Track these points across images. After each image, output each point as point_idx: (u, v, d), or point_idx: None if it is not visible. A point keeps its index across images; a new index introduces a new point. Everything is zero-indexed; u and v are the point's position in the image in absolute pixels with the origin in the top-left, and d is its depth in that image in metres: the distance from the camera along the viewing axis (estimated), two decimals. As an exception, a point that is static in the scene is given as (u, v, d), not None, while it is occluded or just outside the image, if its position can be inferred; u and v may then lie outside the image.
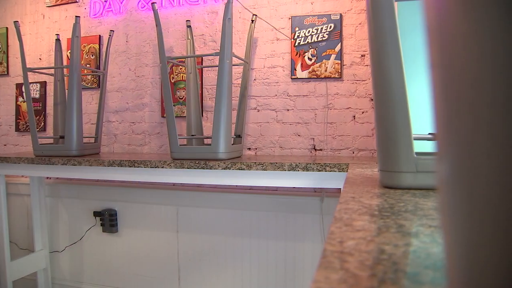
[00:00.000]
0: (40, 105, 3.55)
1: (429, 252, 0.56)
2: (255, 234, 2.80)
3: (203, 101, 2.94)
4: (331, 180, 2.11)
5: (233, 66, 2.43)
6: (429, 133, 1.25)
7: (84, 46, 3.31)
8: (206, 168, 2.25)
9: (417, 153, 1.12)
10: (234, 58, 2.40)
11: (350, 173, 1.74)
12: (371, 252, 0.55)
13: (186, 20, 2.92)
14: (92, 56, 3.32)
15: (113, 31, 3.18)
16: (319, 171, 2.09)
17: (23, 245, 3.64)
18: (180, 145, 2.41)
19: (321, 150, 2.67)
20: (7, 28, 3.77)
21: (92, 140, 3.06)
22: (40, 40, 3.59)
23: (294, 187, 2.68)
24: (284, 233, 2.74)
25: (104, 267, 3.33)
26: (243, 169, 2.19)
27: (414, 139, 1.12)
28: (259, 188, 2.77)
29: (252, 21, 2.76)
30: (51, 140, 3.11)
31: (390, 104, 1.14)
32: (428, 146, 1.25)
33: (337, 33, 2.62)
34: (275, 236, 2.76)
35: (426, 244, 0.60)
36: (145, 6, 3.14)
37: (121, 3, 3.23)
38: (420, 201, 0.95)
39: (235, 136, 2.57)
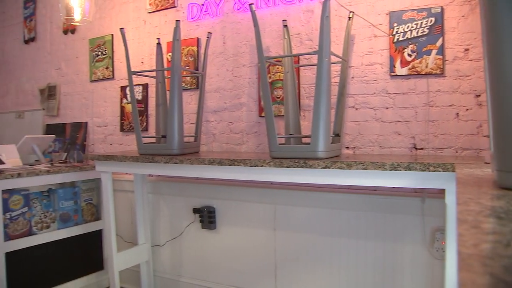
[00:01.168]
0: (143, 106, 3.74)
1: None
2: (353, 234, 2.76)
3: (300, 100, 2.94)
4: (435, 180, 2.03)
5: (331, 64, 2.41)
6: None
7: (183, 48, 3.43)
8: (306, 167, 2.25)
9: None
10: (331, 56, 2.38)
11: (459, 173, 1.67)
12: (514, 258, 0.52)
13: (283, 20, 2.94)
14: (191, 58, 3.44)
15: (211, 33, 3.27)
16: (422, 170, 2.02)
17: (128, 238, 3.85)
18: (279, 144, 2.43)
19: (422, 149, 2.58)
20: (112, 35, 4.01)
21: (192, 139, 3.17)
22: (142, 44, 3.78)
23: (393, 187, 2.61)
24: (382, 234, 2.68)
25: (202, 262, 3.44)
26: (343, 168, 2.16)
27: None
28: (357, 187, 2.73)
29: (349, 18, 2.72)
30: (154, 140, 3.26)
31: (510, 100, 1.07)
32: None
33: (438, 27, 2.52)
34: (374, 237, 2.70)
35: None
36: (241, 7, 3.20)
37: (218, 5, 3.31)
38: (549, 204, 0.89)
39: (333, 135, 2.55)
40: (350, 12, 2.73)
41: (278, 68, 3.03)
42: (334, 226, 2.83)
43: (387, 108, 2.67)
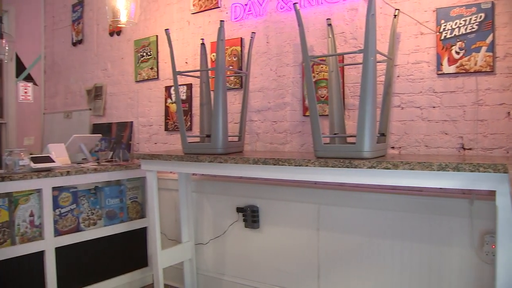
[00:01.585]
0: (187, 105, 3.79)
1: None
2: (399, 236, 2.71)
3: (345, 99, 2.92)
4: (485, 182, 1.97)
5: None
6: None
7: (227, 48, 3.45)
8: (351, 167, 2.23)
9: None
10: (376, 55, 2.34)
11: (512, 174, 1.62)
12: None
13: (327, 19, 2.92)
14: (235, 58, 3.46)
15: (255, 33, 3.28)
16: (472, 171, 1.96)
17: (171, 236, 3.92)
18: (323, 143, 2.42)
19: (470, 149, 2.51)
20: (157, 36, 4.08)
21: (236, 138, 3.19)
22: (186, 45, 3.83)
23: (440, 188, 2.54)
24: (429, 236, 2.62)
25: (245, 261, 3.46)
26: (389, 169, 2.13)
27: None
28: (402, 188, 2.68)
29: (395, 16, 2.67)
30: (198, 139, 3.30)
31: None
32: None
33: (488, 23, 2.44)
34: (420, 239, 2.64)
35: None
36: (284, 7, 3.20)
37: (261, 5, 3.32)
38: None
39: (379, 135, 2.52)
40: (396, 9, 2.68)
41: (322, 67, 3.01)
42: (378, 227, 2.79)
43: (434, 107, 2.61)
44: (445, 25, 2.56)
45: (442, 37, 2.57)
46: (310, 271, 3.10)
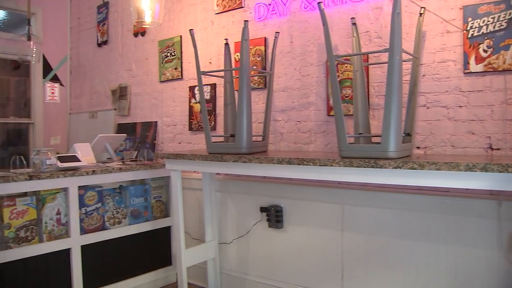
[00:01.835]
0: (211, 105, 3.81)
1: None
2: (424, 237, 2.68)
3: (370, 99, 2.89)
4: (514, 182, 1.94)
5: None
6: None
7: (251, 48, 3.46)
8: (376, 167, 2.21)
9: None
10: (402, 54, 2.31)
11: (543, 174, 1.59)
12: None
13: (351, 18, 2.91)
14: (258, 57, 3.46)
15: (279, 32, 3.28)
16: (500, 172, 1.92)
17: (195, 235, 3.94)
18: (348, 143, 2.40)
19: (498, 149, 2.46)
20: (181, 36, 4.11)
21: (260, 138, 3.19)
22: (209, 45, 3.85)
23: (467, 189, 2.50)
24: (455, 237, 2.58)
25: (268, 261, 3.46)
26: (415, 169, 2.11)
27: None
28: (428, 188, 2.64)
29: (420, 14, 2.64)
30: (222, 139, 3.31)
31: None
32: None
33: (517, 20, 2.40)
34: (445, 240, 2.61)
35: None
36: (308, 6, 3.19)
37: (285, 5, 3.32)
38: None
39: (404, 135, 2.49)
40: (421, 7, 2.65)
41: (346, 66, 3.00)
42: (403, 228, 2.76)
43: (460, 106, 2.57)
44: (472, 23, 2.52)
45: (469, 35, 2.53)
46: (334, 271, 3.08)
